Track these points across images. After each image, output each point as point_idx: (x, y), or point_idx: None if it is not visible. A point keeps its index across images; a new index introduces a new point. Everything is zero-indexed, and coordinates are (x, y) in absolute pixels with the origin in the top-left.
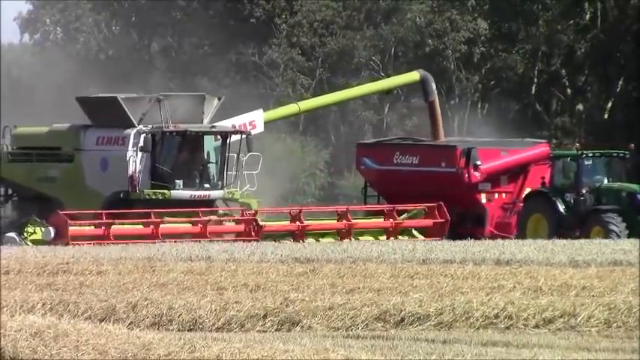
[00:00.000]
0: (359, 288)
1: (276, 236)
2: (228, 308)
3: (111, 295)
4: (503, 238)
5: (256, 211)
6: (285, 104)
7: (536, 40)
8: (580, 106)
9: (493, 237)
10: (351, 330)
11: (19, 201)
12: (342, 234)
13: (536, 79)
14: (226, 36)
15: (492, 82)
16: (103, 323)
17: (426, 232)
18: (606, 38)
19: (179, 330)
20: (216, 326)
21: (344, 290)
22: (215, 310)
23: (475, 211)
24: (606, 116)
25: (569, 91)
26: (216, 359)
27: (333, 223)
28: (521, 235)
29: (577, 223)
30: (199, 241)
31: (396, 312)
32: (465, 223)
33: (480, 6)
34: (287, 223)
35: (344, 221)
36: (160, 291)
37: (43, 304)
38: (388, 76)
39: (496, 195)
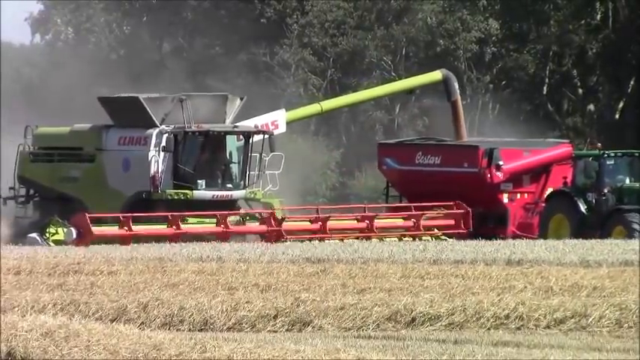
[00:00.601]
0: (370, 288)
1: (299, 235)
2: (239, 308)
3: (122, 295)
4: (525, 238)
5: (284, 218)
6: (305, 105)
7: (548, 40)
8: (591, 107)
9: (515, 237)
10: (362, 330)
11: (40, 201)
12: (365, 235)
13: (547, 79)
14: (237, 36)
15: (503, 82)
16: (114, 323)
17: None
18: (617, 38)
19: (190, 330)
20: (227, 326)
21: (355, 290)
22: (226, 310)
23: (497, 212)
24: (617, 116)
25: (580, 91)
26: (227, 359)
27: (356, 224)
28: (543, 235)
29: (599, 223)
30: (223, 241)
31: (407, 312)
32: (487, 223)
33: (491, 6)
34: (310, 223)
35: (367, 222)
36: (171, 291)
37: (54, 305)
38: (399, 76)
39: (518, 195)
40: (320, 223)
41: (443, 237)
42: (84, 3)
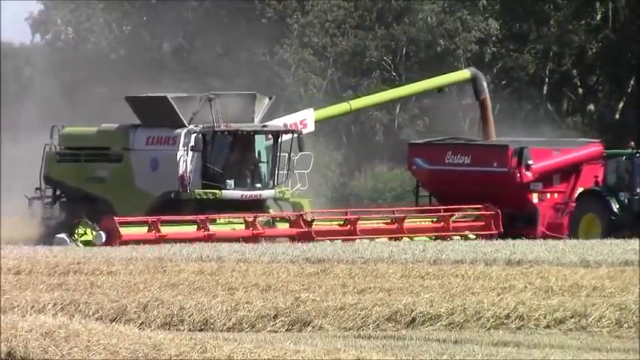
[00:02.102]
0: (370, 288)
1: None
2: (239, 308)
3: (122, 295)
4: (554, 238)
5: (313, 220)
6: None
7: (548, 40)
8: (591, 106)
9: (545, 237)
10: (362, 330)
11: (67, 202)
12: (394, 236)
13: (547, 79)
14: (238, 36)
15: (504, 82)
16: (113, 323)
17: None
18: (617, 38)
19: (190, 330)
20: (227, 326)
21: (355, 290)
22: (226, 310)
23: (526, 212)
24: (617, 116)
25: (580, 91)
26: (227, 359)
27: (386, 225)
28: (574, 235)
29: (631, 223)
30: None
31: (407, 312)
32: (516, 223)
33: (491, 6)
34: (339, 225)
35: (396, 224)
36: (171, 291)
37: (54, 304)
38: (399, 76)
39: (548, 195)
40: (350, 224)
41: (471, 236)
42: (84, 3)
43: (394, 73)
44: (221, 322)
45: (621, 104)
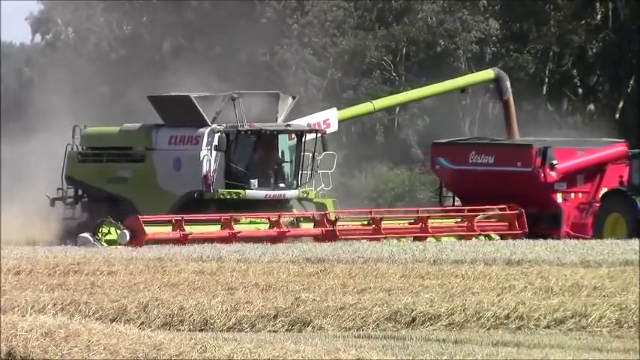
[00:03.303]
0: (370, 288)
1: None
2: (239, 308)
3: (122, 295)
4: (578, 238)
5: (337, 219)
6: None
7: (548, 40)
8: (591, 106)
9: (569, 237)
10: (362, 330)
11: (89, 202)
12: (418, 236)
13: (547, 79)
14: (238, 36)
15: None
16: (114, 323)
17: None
18: (617, 38)
19: (190, 330)
20: (227, 326)
21: (355, 290)
22: (226, 310)
23: (550, 212)
24: (617, 116)
25: (580, 91)
26: (227, 359)
27: (410, 226)
28: (598, 235)
29: None
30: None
31: (407, 312)
32: (540, 223)
33: (491, 6)
34: (363, 225)
35: (421, 224)
36: (171, 291)
37: (54, 304)
38: (399, 76)
39: (572, 195)
40: (374, 224)
41: (494, 236)
42: (84, 3)
43: (394, 73)
44: (221, 322)
45: (621, 104)
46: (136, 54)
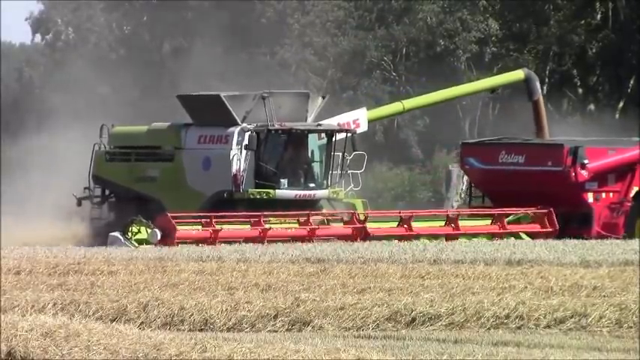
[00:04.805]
0: (370, 288)
1: (383, 238)
2: (239, 308)
3: (122, 295)
4: (610, 238)
5: (366, 217)
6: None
7: (548, 40)
8: (592, 106)
9: (600, 237)
10: (362, 330)
11: (116, 202)
12: (449, 237)
13: (547, 79)
14: (238, 36)
15: None
16: (114, 323)
17: (533, 235)
18: (617, 38)
19: (190, 330)
20: (227, 326)
21: (355, 290)
22: (226, 310)
23: (581, 212)
24: (617, 116)
25: (580, 90)
26: (228, 359)
27: (441, 227)
28: (630, 235)
29: None
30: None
31: (407, 312)
32: (571, 223)
33: (491, 6)
34: (394, 226)
35: (452, 226)
36: (171, 291)
37: (54, 304)
38: (399, 76)
39: (603, 194)
40: (405, 225)
41: (523, 236)
42: (84, 3)
43: (394, 73)
44: (221, 322)
45: (621, 104)
46: (136, 54)
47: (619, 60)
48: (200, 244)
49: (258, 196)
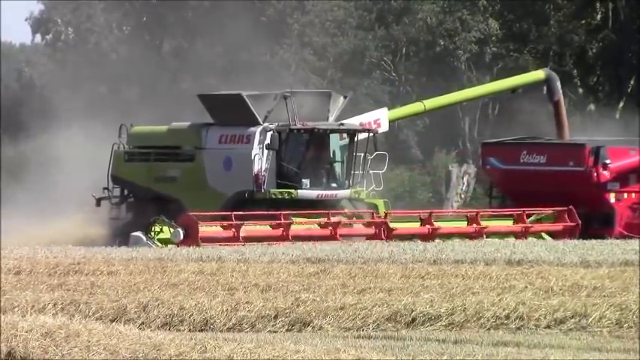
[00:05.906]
0: (370, 288)
1: (405, 238)
2: (239, 308)
3: (122, 295)
4: (632, 238)
5: (387, 214)
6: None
7: (548, 40)
8: (592, 106)
9: (622, 238)
10: (362, 330)
11: (135, 202)
12: (472, 236)
13: None
14: (238, 36)
15: None
16: (114, 323)
17: (554, 234)
18: (617, 38)
19: (190, 330)
20: (227, 326)
21: (355, 290)
22: (226, 310)
23: (603, 212)
24: (617, 116)
25: (580, 90)
26: (227, 359)
27: (463, 226)
28: None
29: None
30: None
31: (407, 312)
32: (592, 224)
33: (491, 6)
34: (417, 225)
35: (474, 225)
36: (171, 291)
37: (55, 304)
38: (399, 76)
39: (625, 195)
40: (428, 225)
41: (545, 236)
42: (84, 3)
43: (394, 73)
44: (221, 322)
45: (621, 104)
46: (136, 54)
47: (619, 60)
48: (224, 244)
49: (279, 197)
